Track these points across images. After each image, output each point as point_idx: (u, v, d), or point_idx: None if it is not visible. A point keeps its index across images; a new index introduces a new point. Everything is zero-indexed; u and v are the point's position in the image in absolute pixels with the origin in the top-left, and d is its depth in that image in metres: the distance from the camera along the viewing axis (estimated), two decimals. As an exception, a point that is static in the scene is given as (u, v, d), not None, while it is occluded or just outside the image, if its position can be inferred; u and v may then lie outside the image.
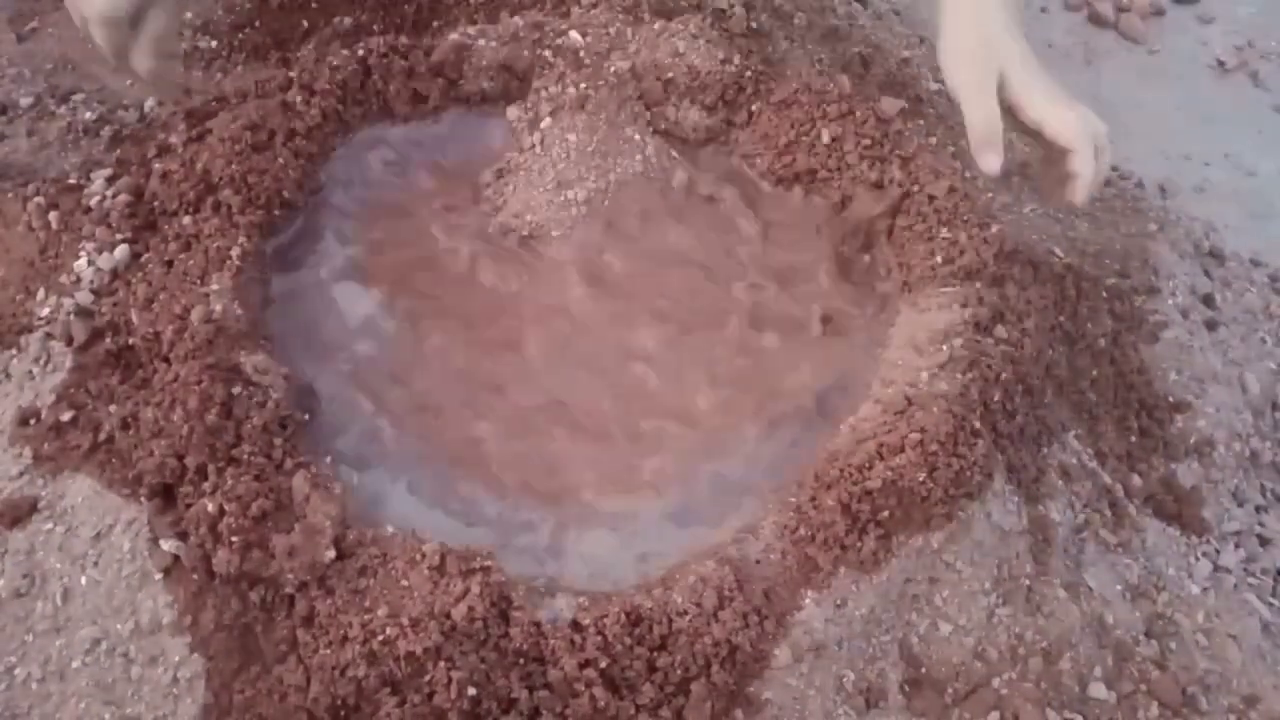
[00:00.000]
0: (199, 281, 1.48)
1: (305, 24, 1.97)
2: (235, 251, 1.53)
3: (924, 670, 1.36)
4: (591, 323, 1.62)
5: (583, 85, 1.77)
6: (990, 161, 1.46)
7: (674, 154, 1.82)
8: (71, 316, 1.46)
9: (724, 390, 1.56)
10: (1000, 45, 1.49)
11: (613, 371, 1.57)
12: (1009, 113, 1.49)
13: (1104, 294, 1.78)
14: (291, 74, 1.74)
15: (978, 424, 1.43)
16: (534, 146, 1.75)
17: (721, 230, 1.74)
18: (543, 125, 1.76)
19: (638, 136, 1.78)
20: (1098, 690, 1.40)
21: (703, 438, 1.51)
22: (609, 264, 1.69)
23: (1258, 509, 1.73)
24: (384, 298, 1.60)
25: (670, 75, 1.82)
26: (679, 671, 1.26)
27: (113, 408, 1.39)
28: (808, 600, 1.33)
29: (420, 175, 1.75)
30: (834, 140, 1.75)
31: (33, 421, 1.40)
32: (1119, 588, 1.49)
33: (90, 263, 1.51)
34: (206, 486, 1.29)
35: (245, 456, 1.32)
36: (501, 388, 1.54)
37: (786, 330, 1.63)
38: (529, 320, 1.61)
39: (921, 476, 1.36)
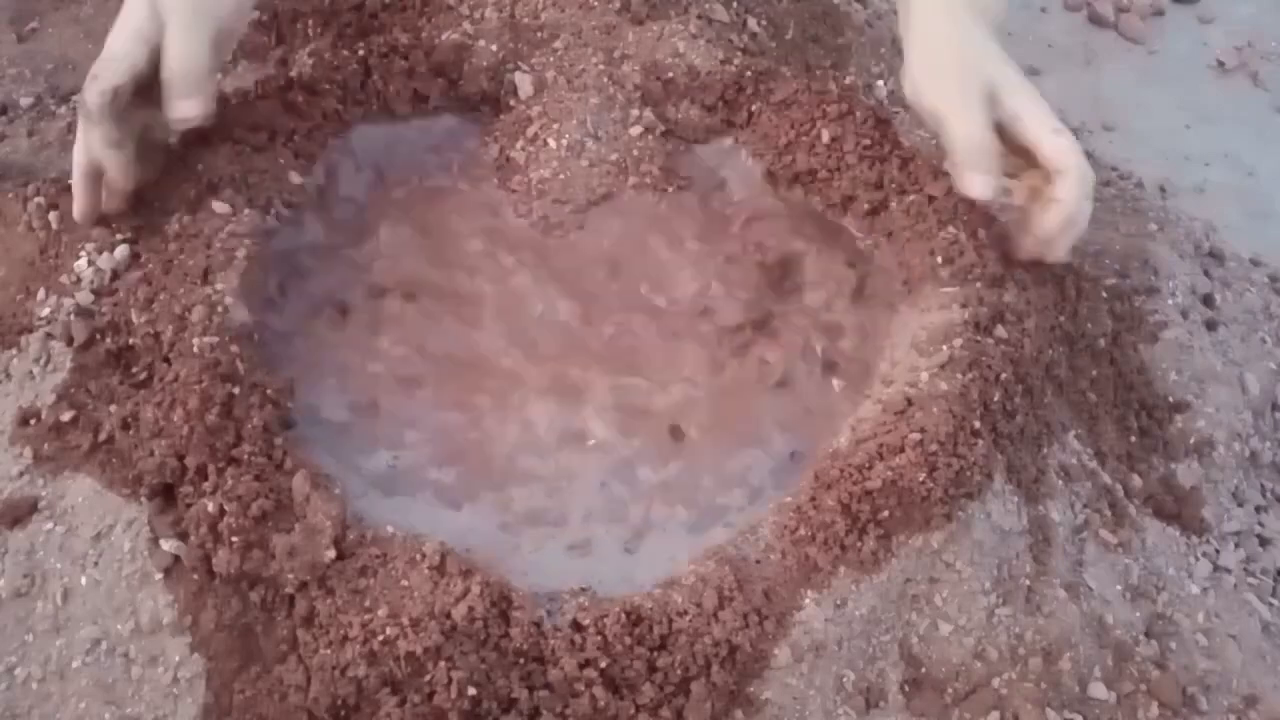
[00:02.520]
0: (199, 281, 1.48)
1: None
2: (238, 252, 1.53)
3: (924, 670, 1.36)
4: (593, 319, 1.63)
5: (582, 85, 1.78)
6: (978, 185, 1.38)
7: (674, 154, 1.82)
8: (71, 316, 1.46)
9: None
10: (988, 60, 1.40)
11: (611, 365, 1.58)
12: (998, 132, 1.41)
13: (1104, 294, 1.77)
14: (291, 74, 1.74)
15: (978, 424, 1.43)
16: (532, 146, 1.75)
17: (722, 226, 1.75)
18: (541, 125, 1.76)
19: (637, 136, 1.78)
20: (1098, 690, 1.40)
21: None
22: (609, 263, 1.69)
23: (1258, 509, 1.73)
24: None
25: (670, 75, 1.82)
26: (679, 671, 1.26)
27: (113, 408, 1.39)
28: (808, 600, 1.33)
29: (419, 174, 1.76)
30: (834, 140, 1.75)
31: (33, 421, 1.40)
32: (1119, 588, 1.49)
33: (90, 263, 1.51)
34: (207, 486, 1.29)
35: (245, 456, 1.32)
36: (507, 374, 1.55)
37: (784, 329, 1.63)
38: (531, 315, 1.62)
39: (921, 476, 1.36)
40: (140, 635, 1.28)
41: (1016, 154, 1.46)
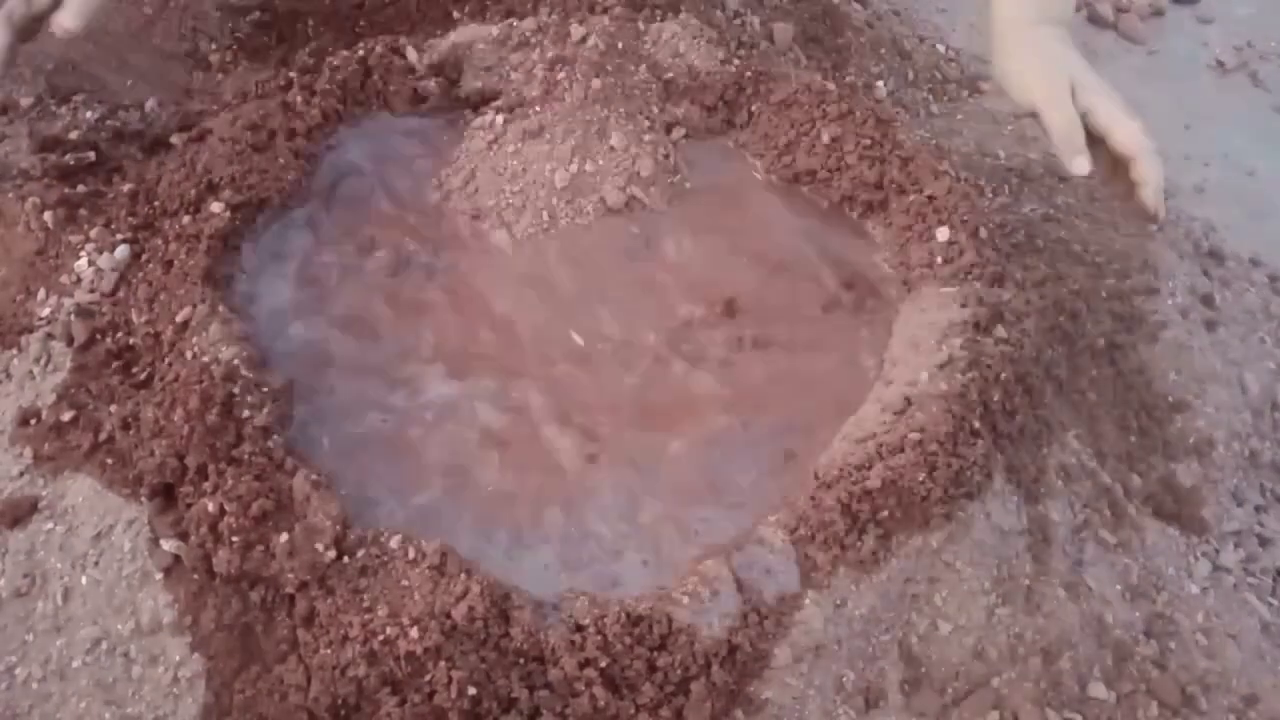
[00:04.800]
0: (199, 282, 1.48)
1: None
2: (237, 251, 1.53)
3: (924, 670, 1.36)
4: (595, 320, 1.63)
5: (584, 85, 1.77)
6: (1080, 164, 1.63)
7: (675, 153, 1.82)
8: (72, 316, 1.46)
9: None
10: (1067, 58, 1.69)
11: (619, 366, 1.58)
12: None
13: (1104, 294, 1.78)
14: (291, 74, 1.75)
15: (977, 424, 1.43)
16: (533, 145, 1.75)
17: (721, 224, 1.75)
18: (541, 124, 1.76)
19: (639, 135, 1.78)
20: (1097, 690, 1.40)
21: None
22: (612, 260, 1.69)
23: (1257, 509, 1.73)
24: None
25: (670, 75, 1.82)
26: (679, 671, 1.26)
27: (113, 408, 1.39)
28: (808, 600, 1.33)
29: (410, 173, 1.75)
30: (834, 140, 1.75)
31: (33, 421, 1.40)
32: (1118, 587, 1.49)
33: (90, 263, 1.51)
34: (207, 486, 1.29)
35: (245, 456, 1.32)
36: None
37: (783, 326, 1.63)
38: (526, 319, 1.62)
39: (921, 476, 1.36)
40: (140, 635, 1.28)
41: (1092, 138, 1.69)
